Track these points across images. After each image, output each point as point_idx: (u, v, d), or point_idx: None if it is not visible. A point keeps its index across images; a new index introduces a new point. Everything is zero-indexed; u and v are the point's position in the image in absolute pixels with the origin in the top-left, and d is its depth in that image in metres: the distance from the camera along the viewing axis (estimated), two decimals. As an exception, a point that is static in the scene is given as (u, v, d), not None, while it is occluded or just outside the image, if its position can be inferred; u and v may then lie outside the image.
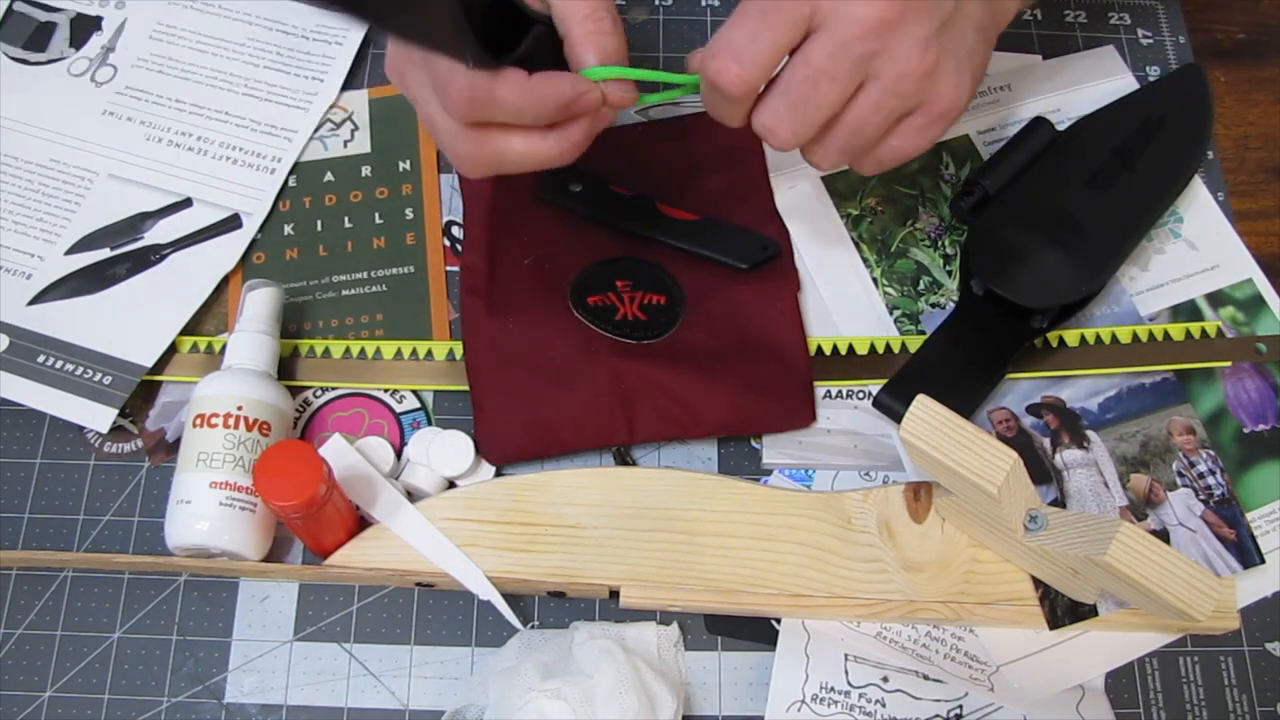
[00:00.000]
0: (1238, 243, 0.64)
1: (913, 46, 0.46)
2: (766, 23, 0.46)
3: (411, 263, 0.63)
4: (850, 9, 0.45)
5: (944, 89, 0.48)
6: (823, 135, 0.49)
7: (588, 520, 0.54)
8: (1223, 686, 0.55)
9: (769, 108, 0.48)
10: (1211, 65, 0.70)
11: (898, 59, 0.46)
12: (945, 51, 0.47)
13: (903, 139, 0.50)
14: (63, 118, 0.66)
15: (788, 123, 0.48)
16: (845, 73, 0.46)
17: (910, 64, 0.46)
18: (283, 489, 0.48)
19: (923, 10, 0.46)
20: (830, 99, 0.47)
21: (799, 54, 0.47)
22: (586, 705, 0.49)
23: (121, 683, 0.54)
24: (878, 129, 0.49)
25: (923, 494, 0.55)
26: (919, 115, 0.49)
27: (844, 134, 0.49)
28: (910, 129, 0.49)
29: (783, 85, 0.47)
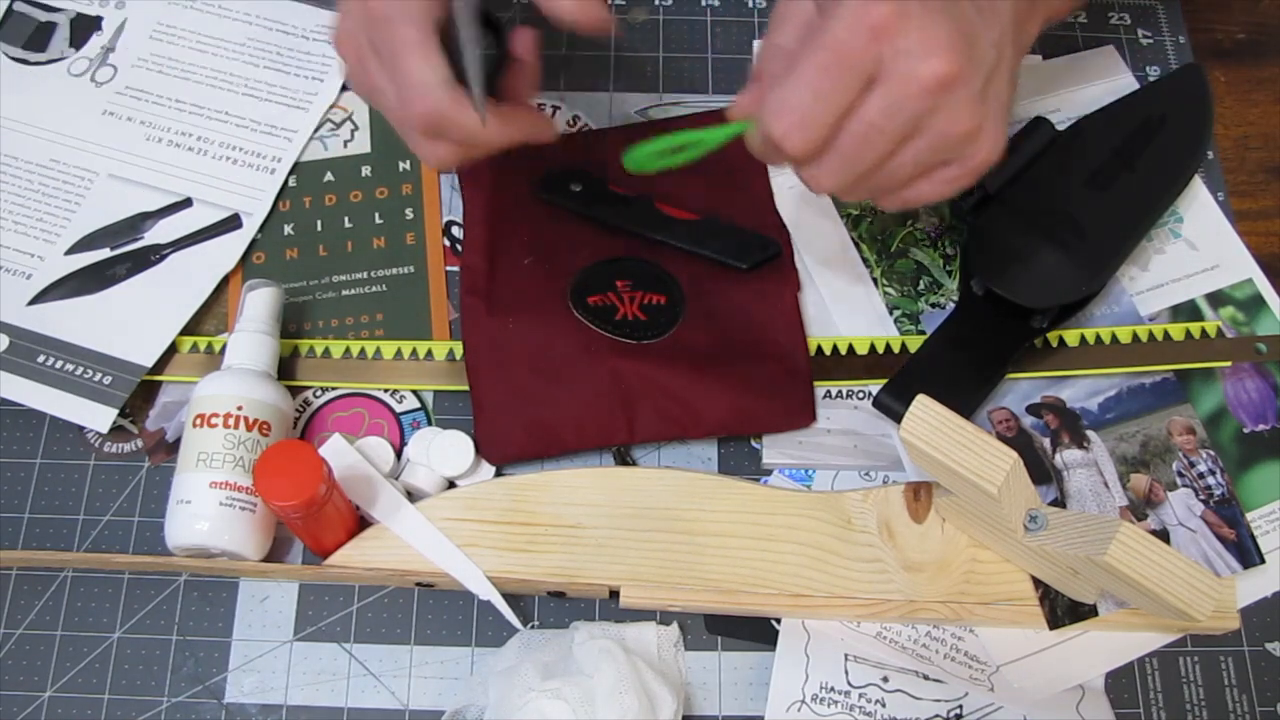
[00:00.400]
0: (1238, 243, 0.64)
1: (964, 106, 0.46)
2: (832, 82, 0.45)
3: (411, 263, 0.63)
4: (912, 67, 0.44)
5: (983, 145, 0.48)
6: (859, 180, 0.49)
7: (588, 520, 0.54)
8: (1223, 686, 0.55)
9: (822, 162, 0.48)
10: (1211, 65, 0.70)
11: (949, 119, 0.46)
12: (989, 109, 0.47)
13: (933, 186, 0.49)
14: (63, 118, 0.66)
15: (835, 175, 0.48)
16: (898, 131, 0.46)
17: (959, 124, 0.46)
18: (283, 489, 0.48)
19: (976, 68, 0.46)
20: (879, 155, 0.47)
21: (857, 109, 0.46)
22: (586, 705, 0.49)
23: (121, 683, 0.54)
24: (911, 177, 0.48)
25: (923, 494, 0.55)
26: (954, 167, 0.48)
27: (878, 180, 0.48)
28: (942, 179, 0.49)
29: (835, 141, 0.47)
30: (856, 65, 0.44)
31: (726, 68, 0.69)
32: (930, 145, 0.47)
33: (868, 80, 0.45)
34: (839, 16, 0.45)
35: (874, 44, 0.44)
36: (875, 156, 0.47)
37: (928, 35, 0.44)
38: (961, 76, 0.45)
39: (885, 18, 0.44)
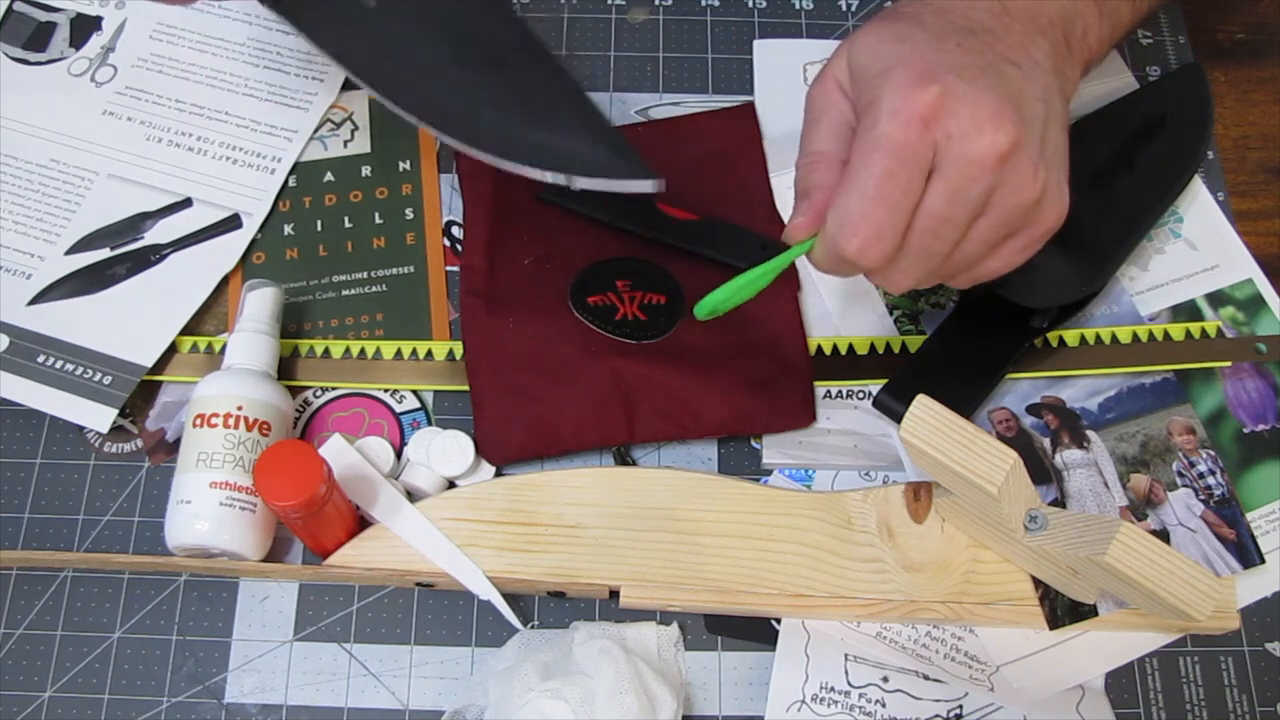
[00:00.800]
0: (1238, 243, 0.64)
1: (1025, 175, 0.44)
2: (896, 185, 0.43)
3: (411, 263, 0.63)
4: (967, 148, 0.43)
5: (1050, 208, 0.46)
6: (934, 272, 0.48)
7: (588, 520, 0.54)
8: (1223, 686, 0.55)
9: (896, 264, 0.46)
10: (1211, 65, 0.70)
11: (1011, 191, 0.44)
12: (1050, 167, 0.46)
13: (1003, 260, 0.48)
14: (63, 118, 0.66)
15: (910, 275, 0.47)
16: (965, 217, 0.45)
17: (1023, 195, 0.45)
18: (283, 489, 0.48)
19: (1030, 130, 0.44)
20: (949, 243, 0.46)
21: (921, 204, 0.44)
22: (586, 705, 0.49)
23: (121, 683, 0.54)
24: (981, 256, 0.47)
25: (923, 494, 0.55)
26: (1023, 236, 0.47)
27: (950, 266, 0.47)
28: (1013, 249, 0.48)
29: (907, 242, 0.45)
30: (915, 160, 0.43)
31: (726, 68, 0.69)
32: (998, 221, 0.45)
33: (927, 172, 0.44)
34: (885, 113, 0.43)
35: (927, 134, 0.43)
36: (946, 246, 0.46)
37: (977, 111, 0.43)
38: (1019, 144, 0.43)
39: (932, 104, 0.43)
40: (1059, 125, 0.47)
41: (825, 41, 0.70)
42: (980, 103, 0.43)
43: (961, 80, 0.43)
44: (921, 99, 0.43)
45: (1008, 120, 0.43)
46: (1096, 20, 0.51)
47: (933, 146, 0.43)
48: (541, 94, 0.53)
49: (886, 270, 0.46)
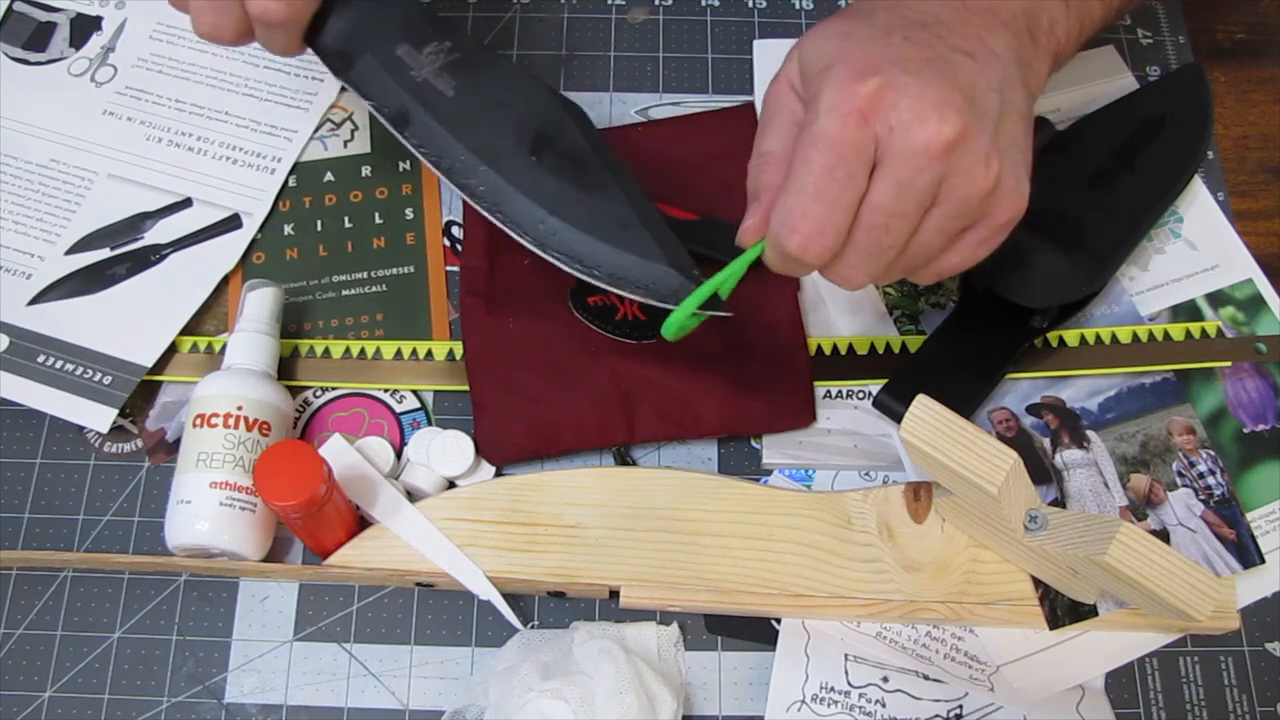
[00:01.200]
0: (1238, 243, 0.64)
1: (975, 164, 0.43)
2: (836, 181, 0.43)
3: (411, 263, 0.63)
4: (910, 139, 0.42)
5: (1006, 199, 0.45)
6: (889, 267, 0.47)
7: (588, 520, 0.54)
8: (1223, 686, 0.55)
9: (844, 260, 0.46)
10: (1211, 65, 0.70)
11: (963, 181, 0.43)
12: (1004, 158, 0.44)
13: (962, 254, 0.47)
14: (63, 118, 0.66)
15: (862, 270, 0.46)
16: (914, 208, 0.44)
17: (974, 184, 0.44)
18: (283, 489, 0.48)
19: (980, 119, 0.43)
20: (902, 237, 0.45)
21: (866, 200, 0.44)
22: (586, 705, 0.49)
23: (121, 683, 0.54)
24: (940, 248, 0.46)
25: (923, 494, 0.55)
26: (981, 228, 0.46)
27: (906, 260, 0.46)
28: (972, 242, 0.47)
29: (853, 238, 0.45)
30: (854, 155, 0.42)
31: (726, 68, 0.69)
32: (951, 212, 0.45)
33: (870, 164, 0.43)
34: (823, 109, 0.43)
35: (866, 127, 0.42)
36: (897, 240, 0.45)
37: (919, 100, 0.42)
38: (967, 132, 0.43)
39: (870, 97, 0.42)
40: (1017, 116, 0.46)
41: (825, 41, 0.70)
42: (923, 93, 0.42)
43: (905, 72, 0.43)
44: (859, 92, 0.42)
45: (952, 109, 0.42)
46: (1063, 14, 0.50)
47: (873, 140, 0.43)
48: (616, 209, 0.53)
49: (835, 267, 0.46)
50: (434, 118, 0.54)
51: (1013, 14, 0.48)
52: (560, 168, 0.54)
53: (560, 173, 0.54)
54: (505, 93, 0.55)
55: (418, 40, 0.55)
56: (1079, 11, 0.51)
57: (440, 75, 0.55)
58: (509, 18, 0.71)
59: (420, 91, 0.54)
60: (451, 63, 0.55)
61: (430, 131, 0.54)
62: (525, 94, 0.55)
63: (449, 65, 0.55)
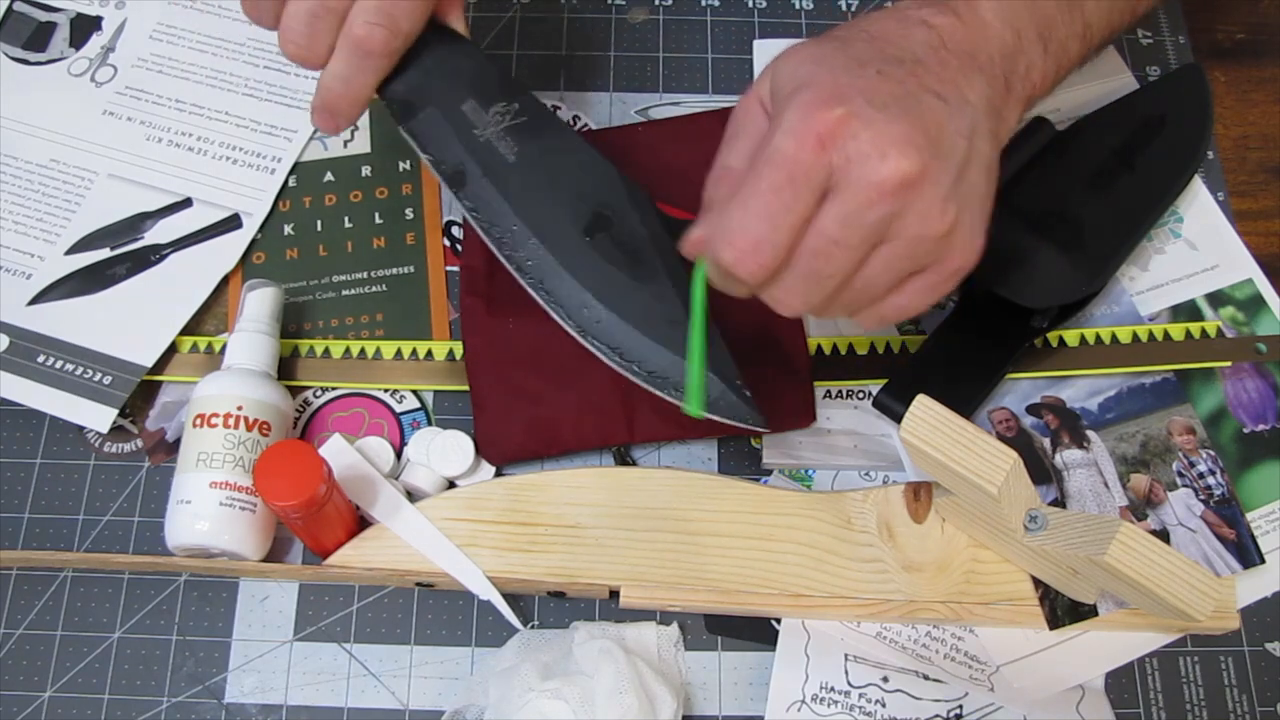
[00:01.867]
0: (1238, 243, 0.64)
1: (931, 206, 0.42)
2: (781, 201, 0.42)
3: (411, 263, 0.63)
4: (868, 172, 0.41)
5: (958, 248, 0.44)
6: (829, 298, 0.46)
7: (588, 520, 0.54)
8: (1223, 686, 0.55)
9: (781, 282, 0.45)
10: (1211, 65, 0.70)
11: (916, 221, 0.43)
12: (963, 206, 0.44)
13: (910, 298, 0.46)
14: (63, 118, 0.66)
15: (799, 295, 0.45)
16: (860, 241, 0.43)
17: (928, 226, 0.43)
18: (283, 489, 0.48)
19: (943, 163, 0.43)
20: (844, 268, 0.44)
21: (813, 224, 0.43)
22: (586, 705, 0.49)
23: (121, 683, 0.54)
24: (885, 288, 0.45)
25: (923, 494, 0.55)
26: (930, 274, 0.45)
27: (850, 296, 0.45)
28: (919, 288, 0.46)
29: (794, 260, 0.44)
30: (806, 179, 0.42)
31: (726, 68, 0.69)
32: (901, 253, 0.43)
33: (821, 192, 0.42)
34: (783, 129, 0.42)
35: (822, 153, 0.41)
36: (838, 271, 0.43)
37: (880, 135, 0.41)
38: (926, 174, 0.42)
39: (832, 124, 0.41)
40: (982, 166, 0.45)
41: (825, 41, 0.70)
42: (887, 129, 0.41)
43: (871, 105, 0.42)
44: (821, 118, 0.41)
45: (915, 148, 0.41)
46: (1041, 58, 0.49)
47: (828, 168, 0.42)
48: (666, 306, 0.51)
49: (771, 288, 0.45)
50: (491, 182, 0.52)
51: (990, 59, 0.47)
52: (614, 253, 0.52)
53: (613, 258, 0.52)
54: (568, 166, 0.54)
55: (485, 99, 0.53)
56: (1057, 54, 0.50)
57: (503, 138, 0.53)
58: (509, 18, 0.71)
59: (481, 152, 0.53)
60: (516, 126, 0.53)
61: (486, 196, 0.52)
62: (589, 170, 0.54)
63: (514, 129, 0.53)
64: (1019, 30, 0.48)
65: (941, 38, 0.46)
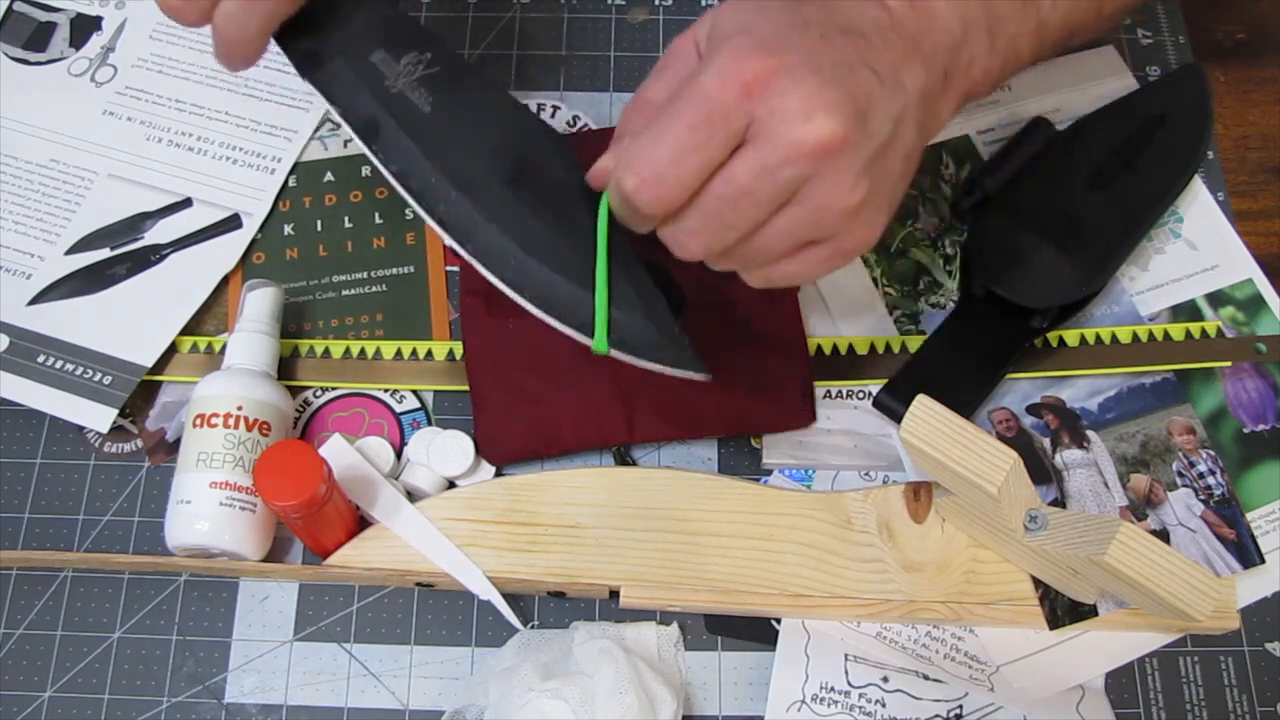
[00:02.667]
0: (1238, 243, 0.64)
1: (842, 179, 0.42)
2: (695, 139, 0.41)
3: (411, 263, 0.63)
4: (789, 130, 0.40)
5: (859, 228, 0.44)
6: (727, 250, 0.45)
7: (588, 520, 0.54)
8: (1223, 686, 0.55)
9: (681, 222, 0.44)
10: (1211, 65, 0.70)
11: (825, 190, 0.42)
12: (873, 186, 0.43)
13: (801, 265, 0.45)
14: (63, 118, 0.66)
15: (699, 239, 0.44)
16: (769, 196, 0.42)
17: (836, 198, 0.42)
18: (283, 489, 0.48)
19: (864, 138, 0.42)
20: (747, 220, 0.43)
21: (724, 169, 0.42)
22: (586, 705, 0.49)
23: (121, 683, 0.54)
24: (781, 252, 0.45)
25: (923, 494, 0.55)
26: (825, 247, 0.45)
27: (746, 251, 0.45)
28: (812, 258, 0.45)
29: (699, 201, 0.43)
30: (724, 123, 0.41)
31: (726, 68, 0.69)
32: (804, 218, 0.43)
33: (737, 139, 0.41)
34: (710, 68, 0.41)
35: (746, 101, 0.41)
36: (743, 222, 0.43)
37: (810, 96, 0.40)
38: (847, 143, 0.41)
39: (762, 73, 0.40)
40: (903, 153, 0.44)
41: (825, 41, 0.70)
42: (818, 92, 0.41)
43: (806, 65, 0.41)
44: (752, 65, 0.41)
45: (841, 116, 0.41)
46: (986, 52, 0.48)
47: (748, 116, 0.41)
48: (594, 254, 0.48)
49: (672, 227, 0.44)
50: (406, 133, 0.49)
51: (934, 48, 0.46)
52: (537, 203, 0.49)
53: (537, 209, 0.49)
54: (486, 116, 0.51)
55: (395, 49, 0.51)
56: (1005, 50, 0.49)
57: (416, 89, 0.50)
58: (509, 18, 0.71)
59: (394, 104, 0.50)
60: (430, 76, 0.50)
61: (400, 147, 0.49)
62: (508, 119, 0.51)
63: (427, 79, 0.50)
64: (968, 23, 0.47)
65: (891, 18, 0.45)
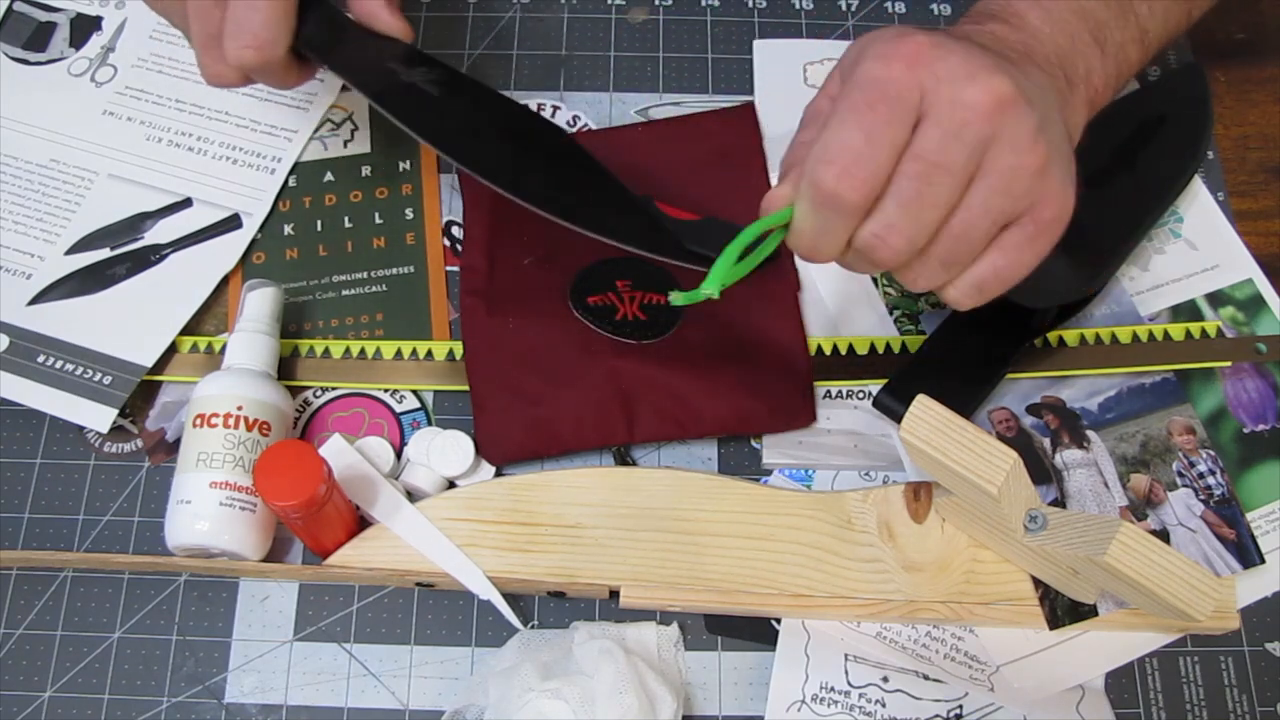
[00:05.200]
0: (1238, 243, 0.64)
1: (1022, 135, 0.41)
2: (879, 117, 0.41)
3: (411, 263, 0.63)
4: (960, 92, 0.40)
5: (1054, 191, 0.43)
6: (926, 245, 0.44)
7: (588, 520, 0.54)
8: (1223, 686, 0.55)
9: (880, 214, 0.42)
10: (1211, 65, 0.70)
11: (1009, 149, 0.41)
12: (1050, 148, 0.42)
13: (1006, 255, 0.44)
14: (63, 118, 0.66)
15: (901, 229, 0.42)
16: (961, 163, 0.41)
17: (1022, 155, 0.41)
18: (283, 489, 0.48)
19: (1025, 99, 0.41)
20: (945, 194, 0.42)
21: (910, 147, 0.41)
22: (586, 705, 0.49)
23: (121, 683, 0.54)
24: (984, 235, 0.43)
25: (923, 494, 0.55)
26: (1026, 223, 0.43)
27: (949, 241, 0.43)
28: (1014, 242, 0.44)
29: (893, 187, 0.42)
30: (899, 96, 0.41)
31: (726, 68, 0.69)
32: (997, 186, 0.42)
33: (915, 113, 0.41)
34: (868, 57, 0.42)
35: (912, 72, 0.41)
36: (941, 197, 0.42)
37: (968, 60, 0.41)
38: (1018, 98, 0.41)
39: (918, 47, 0.41)
40: (1061, 130, 0.44)
41: (825, 41, 0.70)
42: (971, 56, 0.41)
43: (953, 39, 0.42)
44: (907, 44, 0.41)
45: (1003, 73, 0.41)
46: (1100, 60, 0.49)
47: (919, 88, 0.41)
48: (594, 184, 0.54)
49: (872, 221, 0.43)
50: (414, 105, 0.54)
51: (1047, 58, 0.47)
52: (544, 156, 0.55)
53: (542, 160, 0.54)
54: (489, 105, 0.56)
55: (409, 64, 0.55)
56: (1116, 58, 0.50)
57: (427, 83, 0.55)
58: (509, 18, 0.71)
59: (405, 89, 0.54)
60: (438, 79, 0.55)
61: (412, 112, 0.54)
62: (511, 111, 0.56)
63: (435, 79, 0.55)
64: (1073, 36, 0.48)
65: (996, 36, 0.46)
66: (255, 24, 0.51)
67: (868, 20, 0.71)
